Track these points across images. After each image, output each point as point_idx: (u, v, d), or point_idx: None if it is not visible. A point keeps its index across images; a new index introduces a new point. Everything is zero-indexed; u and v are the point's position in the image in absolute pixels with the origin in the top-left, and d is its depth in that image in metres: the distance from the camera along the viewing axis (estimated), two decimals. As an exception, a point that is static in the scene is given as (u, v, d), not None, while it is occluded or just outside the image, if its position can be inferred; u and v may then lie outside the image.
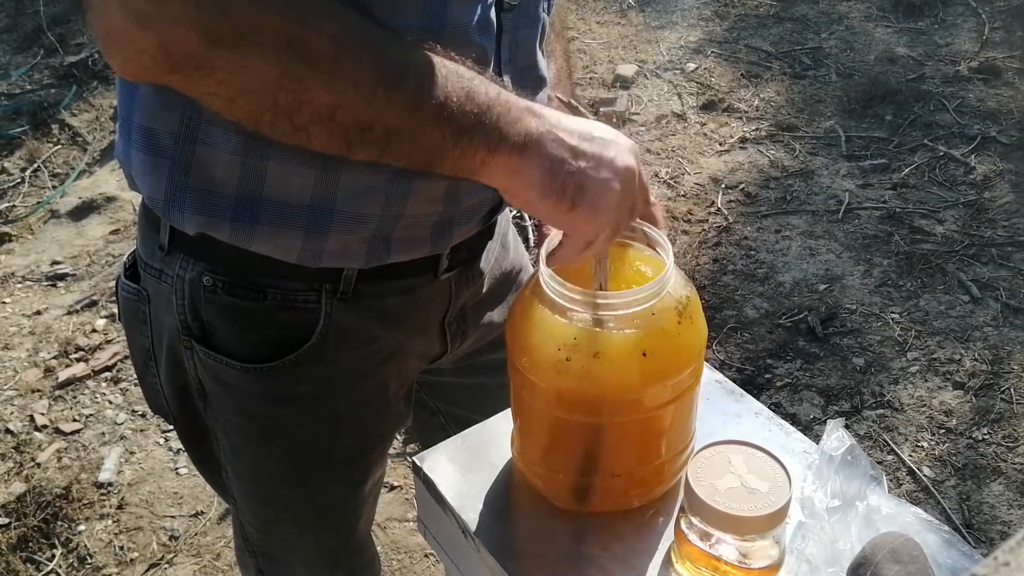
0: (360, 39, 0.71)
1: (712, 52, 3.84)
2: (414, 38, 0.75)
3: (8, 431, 2.29)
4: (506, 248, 1.17)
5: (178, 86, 0.69)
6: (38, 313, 2.67)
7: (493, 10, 0.86)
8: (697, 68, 3.72)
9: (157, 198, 0.90)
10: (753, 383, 2.34)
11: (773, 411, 1.05)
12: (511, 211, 1.26)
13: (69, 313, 2.66)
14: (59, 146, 3.42)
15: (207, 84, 0.68)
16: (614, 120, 0.89)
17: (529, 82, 0.94)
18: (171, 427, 2.27)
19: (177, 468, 2.19)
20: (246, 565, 1.25)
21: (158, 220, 0.93)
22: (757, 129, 3.35)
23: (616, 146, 0.80)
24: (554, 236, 0.88)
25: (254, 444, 1.03)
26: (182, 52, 0.66)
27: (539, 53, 0.97)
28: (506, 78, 0.84)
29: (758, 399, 1.08)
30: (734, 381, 1.11)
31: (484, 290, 1.12)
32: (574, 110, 0.88)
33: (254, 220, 0.87)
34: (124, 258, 1.03)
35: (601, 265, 0.85)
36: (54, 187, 3.22)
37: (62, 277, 2.81)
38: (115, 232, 2.99)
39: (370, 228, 0.89)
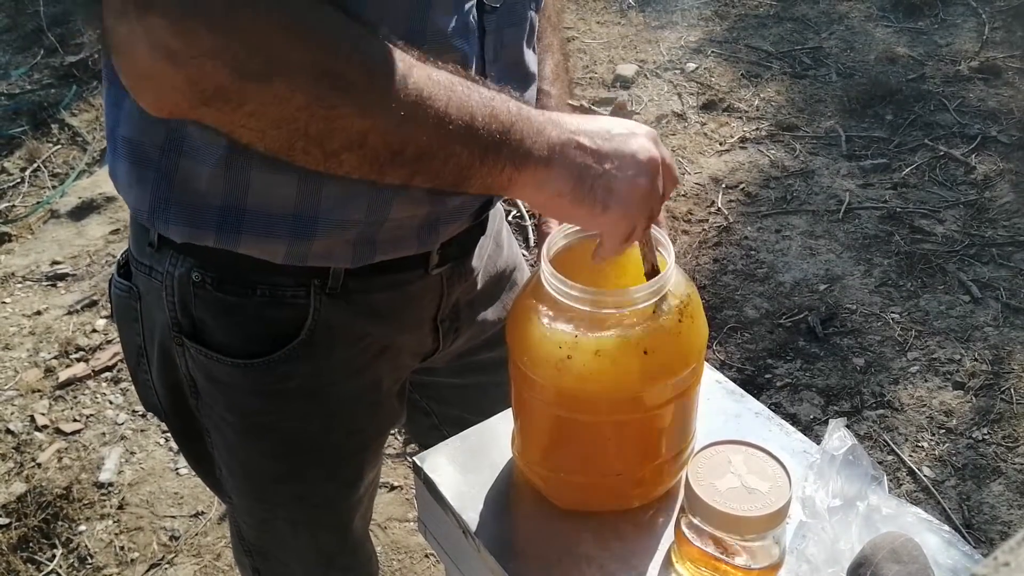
0: (386, 64, 0.71)
1: (712, 52, 3.84)
2: (434, 60, 0.75)
3: (8, 431, 2.29)
4: (500, 246, 1.17)
5: (210, 120, 0.69)
6: (38, 313, 2.67)
7: (474, 13, 0.87)
8: (697, 68, 3.72)
9: (142, 209, 0.90)
10: (753, 383, 2.34)
11: (773, 411, 1.05)
12: (507, 210, 1.26)
13: (69, 313, 2.66)
14: (59, 146, 3.42)
15: (238, 117, 0.68)
16: (626, 107, 0.87)
17: (516, 79, 0.94)
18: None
19: (177, 468, 2.19)
20: (243, 564, 1.25)
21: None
22: (757, 129, 3.35)
23: (635, 138, 0.81)
24: (555, 233, 0.88)
25: (246, 441, 1.03)
26: (212, 86, 0.66)
27: (526, 51, 0.97)
28: (491, 77, 0.85)
29: (758, 399, 1.08)
30: (734, 381, 1.11)
31: (478, 288, 1.12)
32: (585, 111, 0.88)
33: (238, 229, 0.88)
34: (119, 256, 1.03)
35: (648, 247, 0.86)
36: (54, 187, 3.22)
37: (62, 277, 2.81)
38: (115, 232, 2.99)
39: (354, 232, 0.90)
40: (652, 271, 0.86)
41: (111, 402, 2.37)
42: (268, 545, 1.18)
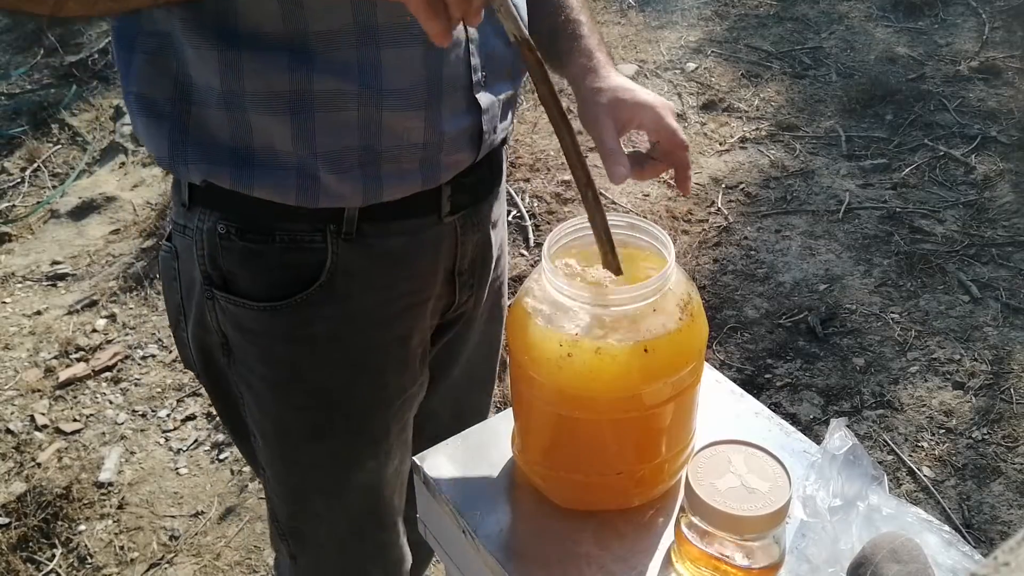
0: None
1: (712, 52, 3.84)
2: None
3: (8, 431, 2.29)
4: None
5: None
6: (38, 313, 2.67)
7: None
8: (697, 68, 3.72)
9: (163, 156, 0.96)
10: (753, 383, 2.34)
11: (773, 411, 1.05)
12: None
13: (69, 313, 2.66)
14: (59, 146, 3.42)
15: None
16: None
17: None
18: (173, 429, 2.28)
19: (177, 468, 2.19)
20: (279, 550, 1.27)
21: (177, 181, 1.01)
22: (757, 129, 3.35)
23: None
24: (556, 232, 0.88)
25: (276, 393, 1.06)
26: None
27: None
28: None
29: (758, 399, 1.08)
30: (734, 381, 1.11)
31: (493, 253, 1.15)
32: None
33: (250, 165, 0.92)
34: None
35: (507, 15, 0.78)
36: (54, 187, 3.22)
37: (62, 277, 2.81)
38: (115, 232, 2.99)
39: (355, 164, 0.93)
40: (520, 43, 0.79)
41: (111, 402, 2.37)
42: (301, 522, 1.19)
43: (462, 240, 1.07)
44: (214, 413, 2.32)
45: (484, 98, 0.99)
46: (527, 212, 2.91)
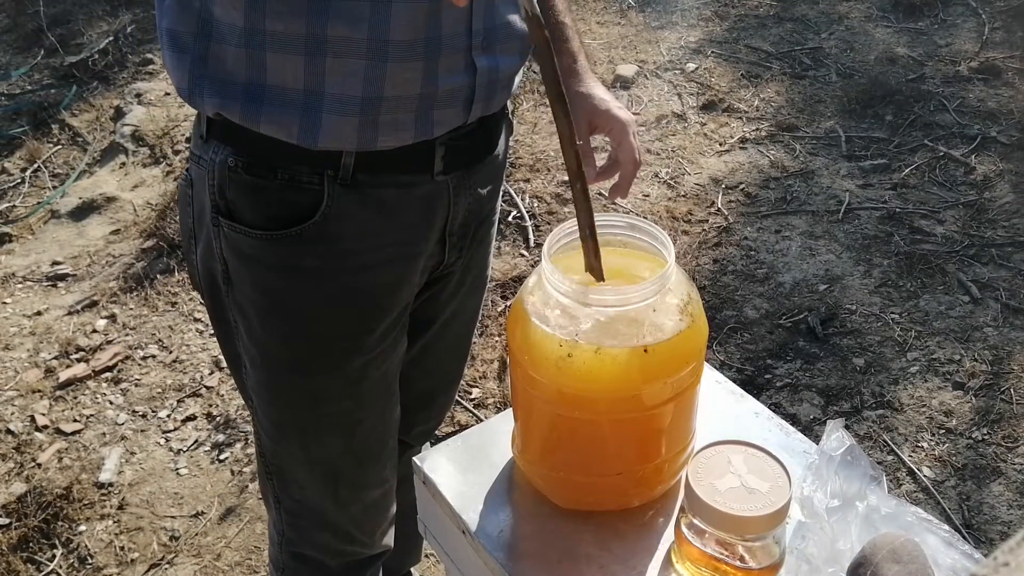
0: None
1: (712, 52, 3.84)
2: None
3: (9, 431, 2.29)
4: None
5: None
6: (38, 313, 2.67)
7: None
8: (697, 68, 3.72)
9: (183, 87, 1.05)
10: (753, 383, 2.34)
11: (773, 411, 1.05)
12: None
13: (69, 313, 2.66)
14: (59, 146, 3.42)
15: None
16: None
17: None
18: (173, 429, 2.28)
19: (177, 468, 2.19)
20: (266, 494, 1.32)
21: (199, 114, 1.09)
22: (757, 129, 3.35)
23: None
24: (555, 233, 0.89)
25: (265, 320, 1.12)
26: None
27: None
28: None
29: (758, 399, 1.08)
30: (734, 381, 1.11)
31: (488, 218, 1.22)
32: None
33: (259, 102, 1.01)
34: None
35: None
36: (54, 187, 3.22)
37: (62, 277, 2.81)
38: (115, 232, 2.99)
39: (356, 109, 1.00)
40: (530, 20, 0.84)
41: (111, 402, 2.37)
42: (282, 459, 1.24)
43: (454, 201, 1.13)
44: (214, 413, 2.32)
45: (481, 62, 1.05)
46: (527, 212, 2.91)
